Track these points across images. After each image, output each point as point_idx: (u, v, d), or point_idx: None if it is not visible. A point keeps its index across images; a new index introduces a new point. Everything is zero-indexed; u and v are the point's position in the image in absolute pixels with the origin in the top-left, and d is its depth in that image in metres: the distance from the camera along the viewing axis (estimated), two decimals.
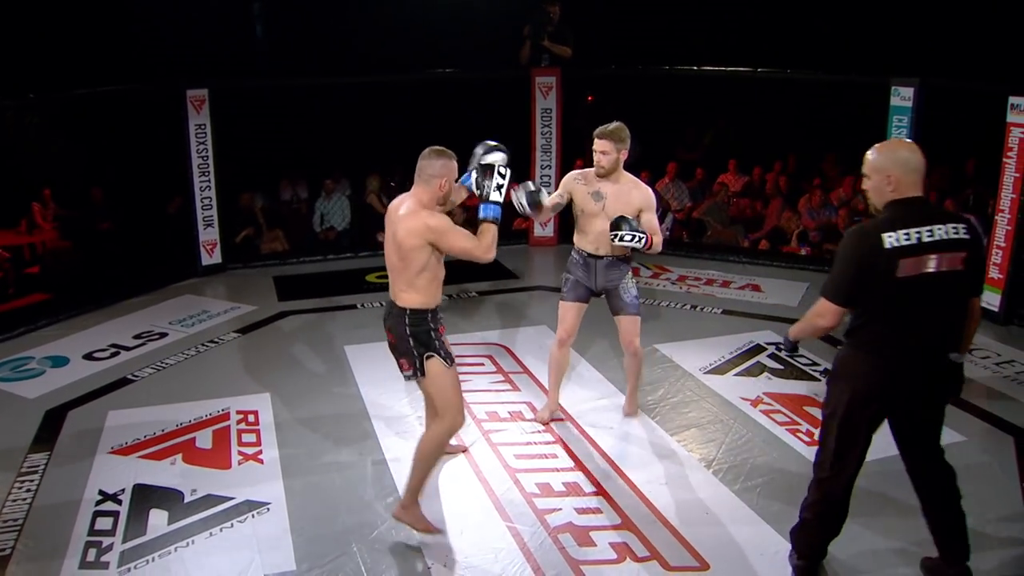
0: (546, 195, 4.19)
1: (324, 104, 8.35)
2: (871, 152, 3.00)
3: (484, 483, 4.05)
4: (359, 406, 4.83)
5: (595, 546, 3.59)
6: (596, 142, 4.26)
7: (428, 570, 3.43)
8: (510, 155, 3.74)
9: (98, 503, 3.89)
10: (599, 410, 4.76)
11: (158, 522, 3.74)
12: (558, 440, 4.46)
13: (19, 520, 3.76)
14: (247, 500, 3.90)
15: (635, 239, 4.10)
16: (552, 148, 7.79)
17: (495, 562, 3.48)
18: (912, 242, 2.86)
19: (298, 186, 8.34)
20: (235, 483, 4.04)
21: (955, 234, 2.90)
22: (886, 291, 2.89)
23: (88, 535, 3.66)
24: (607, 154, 4.23)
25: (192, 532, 3.67)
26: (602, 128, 4.27)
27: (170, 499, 3.91)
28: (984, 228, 6.00)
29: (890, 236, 2.86)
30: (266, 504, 3.87)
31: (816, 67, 7.69)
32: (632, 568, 3.45)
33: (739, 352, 5.55)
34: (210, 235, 7.15)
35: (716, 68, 7.73)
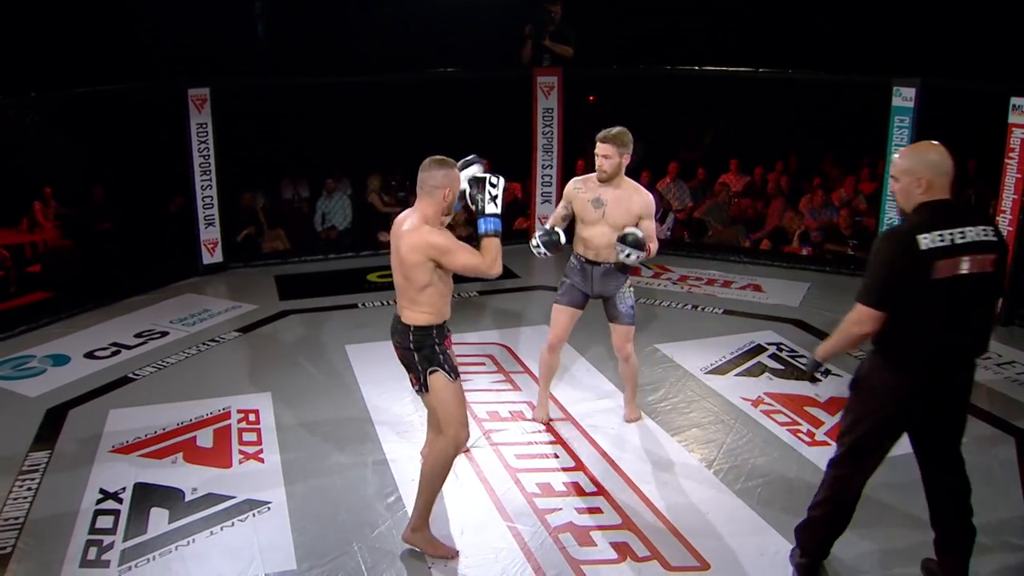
0: (560, 234, 4.26)
1: (325, 103, 8.35)
2: (899, 155, 2.98)
3: (485, 483, 4.05)
4: (360, 405, 4.84)
5: (596, 546, 3.59)
6: (598, 146, 4.19)
7: (429, 569, 3.44)
8: (484, 161, 3.68)
9: (99, 502, 3.90)
10: (600, 410, 4.76)
11: (159, 521, 3.75)
12: (559, 440, 4.46)
13: (20, 519, 3.77)
14: (248, 499, 3.90)
15: (638, 259, 4.09)
16: (554, 148, 7.78)
17: (495, 562, 3.48)
18: (946, 244, 2.83)
19: (299, 185, 8.36)
20: (236, 482, 4.05)
21: (985, 236, 2.89)
22: (921, 294, 2.85)
23: (89, 534, 3.66)
24: (609, 158, 4.16)
25: (193, 531, 3.67)
26: (605, 132, 4.20)
27: (171, 498, 3.92)
28: None
29: (925, 238, 2.82)
30: (267, 503, 3.87)
31: (817, 67, 7.69)
32: (632, 568, 3.45)
33: (740, 352, 5.55)
34: (211, 234, 7.15)
35: (717, 68, 7.72)
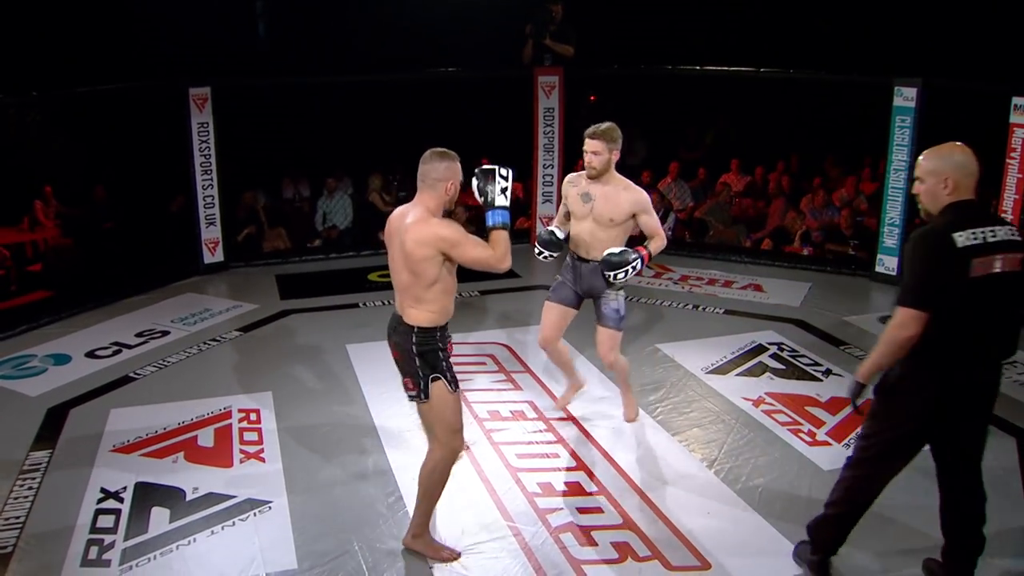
0: (558, 233, 4.30)
1: (326, 103, 8.36)
2: (924, 157, 2.96)
3: (485, 482, 4.05)
4: (361, 405, 4.84)
5: (596, 546, 3.59)
6: (587, 142, 4.14)
7: (429, 569, 3.44)
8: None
9: (100, 501, 3.90)
10: (600, 410, 4.76)
11: (160, 520, 3.74)
12: (559, 440, 4.46)
13: (21, 518, 3.76)
14: (249, 498, 3.90)
15: (627, 275, 4.06)
16: (555, 148, 7.78)
17: (496, 561, 3.48)
18: (979, 242, 2.82)
19: (300, 184, 8.36)
20: (237, 481, 4.05)
21: (1012, 235, 2.89)
22: (958, 293, 2.83)
23: (90, 533, 3.66)
24: (599, 154, 4.12)
25: (194, 530, 3.67)
26: (593, 128, 4.15)
27: (172, 497, 3.92)
28: None
29: (960, 236, 2.81)
30: (268, 503, 3.87)
31: (818, 67, 7.69)
32: (633, 568, 3.45)
33: (741, 352, 5.55)
34: (212, 233, 7.15)
35: (718, 68, 7.72)
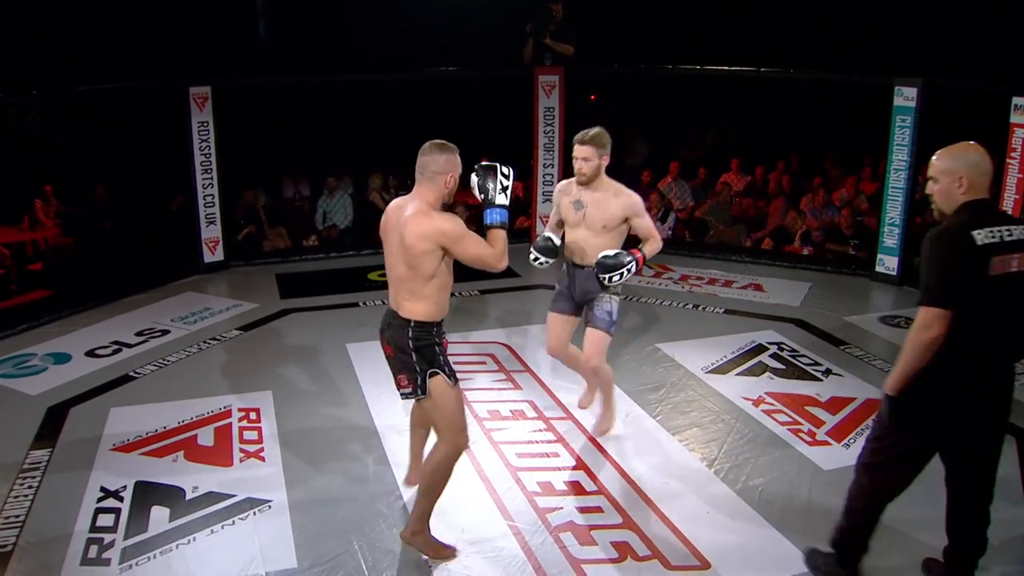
0: (555, 239, 4.23)
1: (326, 102, 8.36)
2: (938, 156, 2.95)
3: (485, 481, 4.05)
4: (361, 404, 4.84)
5: (596, 545, 3.59)
6: (576, 148, 4.08)
7: (429, 568, 3.44)
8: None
9: (100, 500, 3.90)
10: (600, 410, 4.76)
11: (160, 519, 3.74)
12: (559, 439, 4.46)
13: (21, 517, 3.77)
14: (248, 497, 3.90)
15: (622, 278, 4.01)
16: (555, 147, 7.77)
17: (496, 561, 3.48)
18: (997, 240, 2.80)
19: (300, 184, 8.36)
20: (237, 480, 4.05)
21: None
22: (977, 291, 2.81)
23: (90, 532, 3.66)
24: (588, 160, 4.06)
25: (194, 529, 3.67)
26: (582, 134, 4.09)
27: (172, 496, 3.92)
28: None
29: (979, 234, 2.79)
30: (268, 501, 3.87)
31: (819, 67, 7.69)
32: (633, 567, 3.45)
33: (741, 352, 5.55)
34: (212, 232, 7.16)
35: (719, 67, 7.72)
